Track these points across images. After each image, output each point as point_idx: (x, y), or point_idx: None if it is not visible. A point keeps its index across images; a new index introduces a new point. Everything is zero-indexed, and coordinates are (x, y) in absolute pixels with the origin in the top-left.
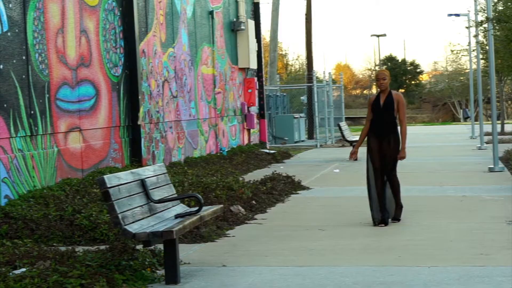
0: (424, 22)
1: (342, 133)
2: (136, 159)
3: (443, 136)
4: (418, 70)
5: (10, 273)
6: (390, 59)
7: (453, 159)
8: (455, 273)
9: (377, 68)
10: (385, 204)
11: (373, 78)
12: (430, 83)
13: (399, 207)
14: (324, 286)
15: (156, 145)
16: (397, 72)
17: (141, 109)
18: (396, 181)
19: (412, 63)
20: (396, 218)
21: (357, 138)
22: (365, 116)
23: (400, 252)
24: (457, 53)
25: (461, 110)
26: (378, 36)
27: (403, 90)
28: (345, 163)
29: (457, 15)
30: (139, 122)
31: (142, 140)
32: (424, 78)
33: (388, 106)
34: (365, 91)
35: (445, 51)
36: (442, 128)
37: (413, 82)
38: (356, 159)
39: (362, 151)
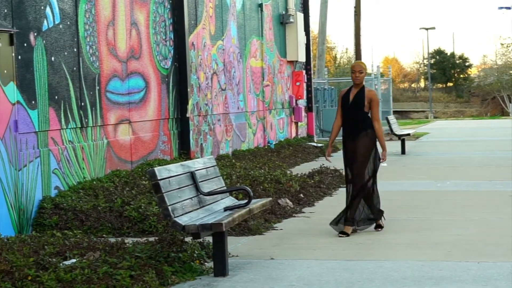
0: (474, 15)
1: (390, 126)
2: (184, 152)
3: (491, 130)
4: (467, 63)
5: (61, 264)
6: (438, 53)
7: (502, 154)
8: (505, 268)
9: (425, 61)
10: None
11: (421, 71)
12: (479, 76)
13: (376, 214)
14: (372, 280)
15: (204, 137)
16: (446, 65)
17: (190, 102)
18: (368, 190)
19: (461, 57)
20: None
21: (405, 131)
22: (413, 109)
23: (449, 247)
24: (507, 46)
25: (511, 104)
26: (427, 29)
27: (451, 84)
28: (393, 157)
29: (508, 8)
30: (187, 115)
31: (191, 132)
32: (473, 71)
33: (357, 103)
34: (413, 85)
35: (495, 44)
36: (491, 122)
37: (461, 75)
38: (330, 161)
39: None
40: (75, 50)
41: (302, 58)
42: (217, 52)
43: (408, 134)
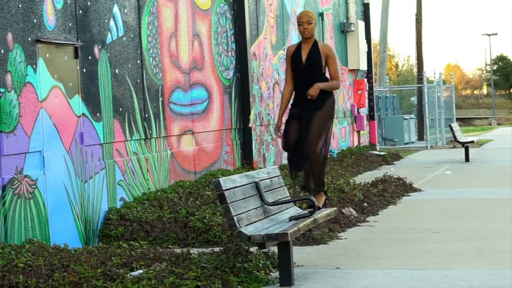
0: None
1: (453, 134)
2: (247, 162)
3: None
4: None
5: (128, 275)
6: (501, 59)
7: None
8: None
9: (487, 68)
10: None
11: (483, 78)
12: None
13: (318, 190)
14: None
15: (267, 147)
16: (509, 71)
17: (252, 112)
18: (318, 161)
19: None
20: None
21: (469, 139)
22: (476, 116)
23: None
24: None
25: None
26: (489, 35)
27: None
28: (457, 164)
29: None
30: (250, 125)
31: (253, 142)
32: None
33: (313, 61)
34: (475, 91)
35: None
36: None
37: None
38: (279, 136)
39: None
40: (138, 62)
41: (363, 66)
42: (279, 62)
43: (472, 142)
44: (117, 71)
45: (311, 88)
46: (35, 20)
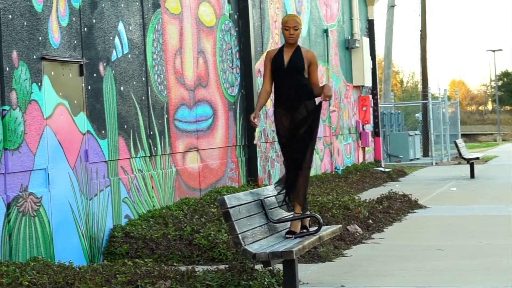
0: None
1: (458, 150)
2: (252, 178)
3: None
4: None
5: None
6: (506, 75)
7: None
8: None
9: (492, 83)
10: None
11: (488, 93)
12: None
13: (304, 211)
14: None
15: (272, 164)
16: None
17: (257, 129)
18: (304, 173)
19: None
20: (304, 226)
21: (474, 155)
22: (481, 132)
23: None
24: None
25: None
26: (493, 51)
27: None
28: (462, 181)
29: None
30: (255, 142)
31: (258, 159)
32: None
33: (295, 67)
34: (480, 107)
35: None
36: None
37: None
38: (256, 126)
39: None
40: (143, 79)
41: (368, 82)
42: None
43: (477, 158)
44: (122, 88)
45: (327, 90)
46: (40, 38)
